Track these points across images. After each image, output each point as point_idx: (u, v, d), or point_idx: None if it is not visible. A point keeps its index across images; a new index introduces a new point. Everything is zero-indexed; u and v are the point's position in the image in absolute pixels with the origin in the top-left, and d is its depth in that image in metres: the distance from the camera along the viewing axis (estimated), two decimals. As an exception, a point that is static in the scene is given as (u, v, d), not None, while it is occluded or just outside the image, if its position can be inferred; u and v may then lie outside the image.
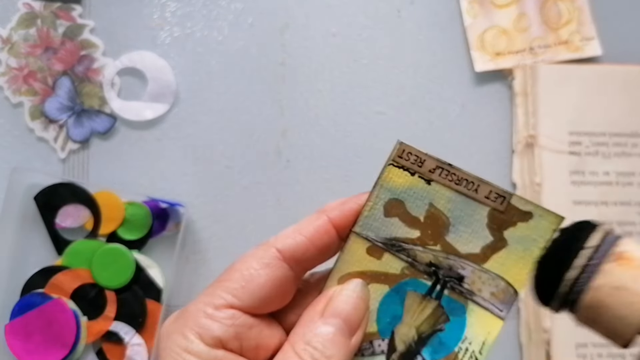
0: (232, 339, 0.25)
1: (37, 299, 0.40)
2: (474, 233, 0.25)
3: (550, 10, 0.45)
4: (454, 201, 0.25)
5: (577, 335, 0.42)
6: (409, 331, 0.26)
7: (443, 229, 0.26)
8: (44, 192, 0.41)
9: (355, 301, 0.25)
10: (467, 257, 0.26)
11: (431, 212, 0.26)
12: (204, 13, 0.45)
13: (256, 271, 0.25)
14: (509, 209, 0.25)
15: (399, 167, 0.26)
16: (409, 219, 0.26)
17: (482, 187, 0.25)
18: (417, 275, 0.26)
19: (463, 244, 0.26)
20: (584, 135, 0.43)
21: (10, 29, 0.43)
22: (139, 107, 0.43)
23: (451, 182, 0.25)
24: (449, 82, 0.45)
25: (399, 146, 0.26)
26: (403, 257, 0.26)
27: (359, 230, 0.26)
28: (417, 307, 0.26)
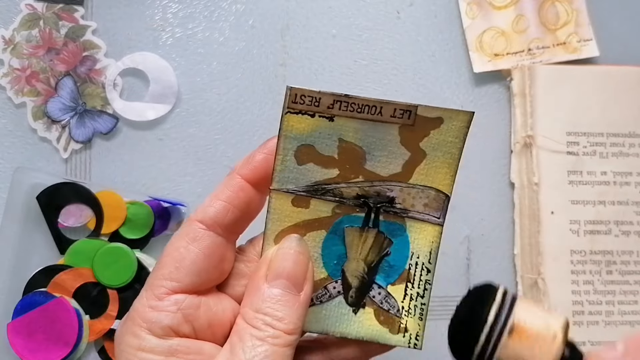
0: (183, 323, 0.24)
1: (39, 298, 0.40)
2: (390, 154, 0.25)
3: (548, 12, 0.45)
4: (362, 129, 0.25)
5: (575, 333, 0.42)
6: (358, 265, 0.26)
7: (360, 160, 0.25)
8: (47, 191, 0.42)
9: (294, 256, 0.25)
10: (391, 179, 0.26)
11: (343, 147, 0.25)
12: (206, 14, 0.45)
13: (185, 249, 0.25)
14: (418, 121, 0.25)
15: (296, 113, 0.25)
16: (323, 160, 0.25)
17: (385, 108, 0.25)
18: (348, 211, 0.26)
19: (384, 168, 0.25)
20: (581, 136, 0.44)
21: (12, 29, 0.44)
22: (141, 108, 0.44)
23: (353, 112, 0.25)
24: (448, 83, 0.45)
25: (290, 91, 0.24)
26: (330, 198, 0.26)
27: (278, 187, 0.25)
28: (358, 240, 0.26)
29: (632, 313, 0.43)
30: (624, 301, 0.43)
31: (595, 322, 0.42)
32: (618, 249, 0.43)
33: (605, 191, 0.43)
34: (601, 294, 0.43)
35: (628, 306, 0.43)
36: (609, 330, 0.42)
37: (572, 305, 0.42)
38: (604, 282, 0.43)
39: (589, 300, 0.42)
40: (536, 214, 0.43)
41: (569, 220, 0.43)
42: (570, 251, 0.43)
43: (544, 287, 0.42)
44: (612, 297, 0.43)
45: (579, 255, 0.43)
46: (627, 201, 0.43)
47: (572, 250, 0.43)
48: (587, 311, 0.42)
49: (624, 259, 0.43)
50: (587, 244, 0.43)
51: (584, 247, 0.43)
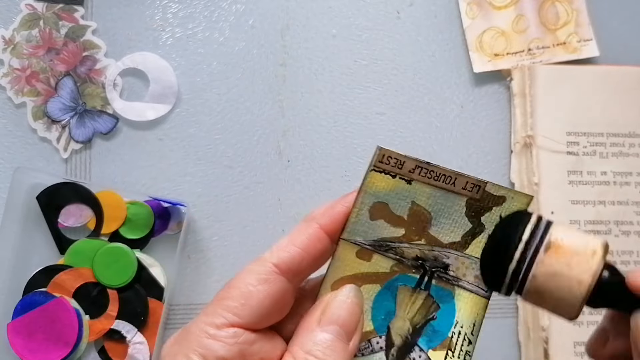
0: (236, 357, 0.25)
1: (39, 298, 0.40)
2: (454, 223, 0.27)
3: (548, 12, 0.45)
4: (434, 196, 0.26)
5: (575, 333, 0.42)
6: (404, 324, 0.27)
7: (426, 224, 0.27)
8: (47, 191, 0.42)
9: (350, 306, 0.26)
10: (450, 246, 0.27)
11: (414, 210, 0.27)
12: (206, 14, 0.45)
13: (254, 287, 0.25)
14: (484, 196, 0.26)
15: (380, 172, 0.27)
16: (393, 219, 0.27)
17: (459, 180, 0.26)
18: (405, 270, 0.27)
19: (445, 235, 0.27)
20: (581, 136, 0.44)
21: (13, 29, 0.44)
22: (141, 108, 0.44)
23: (430, 179, 0.27)
24: (448, 83, 0.45)
25: (379, 152, 0.27)
26: (391, 255, 0.27)
27: (347, 237, 0.27)
28: (408, 300, 0.27)
29: (632, 313, 0.43)
30: (624, 301, 0.43)
31: (596, 323, 0.42)
32: (618, 248, 0.43)
33: (605, 191, 0.43)
34: (601, 294, 0.43)
35: (628, 306, 0.43)
36: (608, 330, 0.42)
37: (572, 305, 0.42)
38: (604, 282, 0.43)
39: (589, 300, 0.42)
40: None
41: (569, 220, 0.43)
42: (570, 251, 0.43)
43: (544, 287, 0.42)
44: (612, 297, 0.43)
45: (579, 255, 0.43)
46: (627, 201, 0.43)
47: (572, 250, 0.43)
48: (587, 311, 0.42)
49: (624, 259, 0.43)
50: (587, 244, 0.43)
51: (584, 247, 0.43)
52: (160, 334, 0.41)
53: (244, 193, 0.43)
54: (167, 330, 0.42)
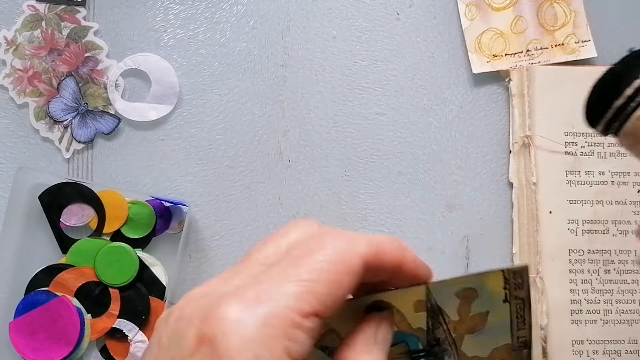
0: (307, 354, 0.20)
1: (41, 297, 0.40)
2: (486, 344, 0.27)
3: (546, 13, 0.46)
4: (502, 321, 0.26)
5: (574, 332, 0.42)
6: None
7: (473, 331, 0.26)
8: (49, 191, 0.42)
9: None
10: (464, 356, 0.27)
11: (481, 316, 0.26)
12: (207, 15, 0.45)
13: (344, 276, 0.21)
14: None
15: (504, 278, 0.25)
16: (464, 307, 0.26)
17: (527, 327, 0.26)
18: (422, 337, 0.26)
19: (472, 348, 0.27)
20: (579, 136, 0.44)
21: (15, 30, 0.44)
22: (143, 108, 0.44)
23: (517, 318, 0.26)
24: (447, 84, 0.45)
25: (523, 269, 0.25)
26: (429, 322, 0.26)
27: (430, 286, 0.26)
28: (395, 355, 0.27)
29: (629, 312, 0.43)
30: (622, 300, 0.43)
31: (594, 321, 0.42)
32: (616, 248, 0.43)
33: (603, 191, 0.44)
34: (599, 293, 0.43)
35: (626, 305, 0.43)
36: (607, 329, 0.42)
37: (570, 304, 0.42)
38: (602, 281, 0.43)
39: (587, 299, 0.43)
40: (534, 213, 0.43)
41: (567, 220, 0.43)
42: (569, 250, 0.43)
43: (542, 286, 0.42)
44: (610, 296, 0.43)
45: (577, 254, 0.43)
46: (624, 201, 0.44)
47: (570, 249, 0.43)
48: (585, 310, 0.43)
49: (622, 258, 0.43)
50: (585, 243, 0.43)
51: (582, 246, 0.43)
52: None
53: (245, 193, 0.44)
54: None
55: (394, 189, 0.44)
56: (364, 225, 0.44)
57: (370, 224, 0.44)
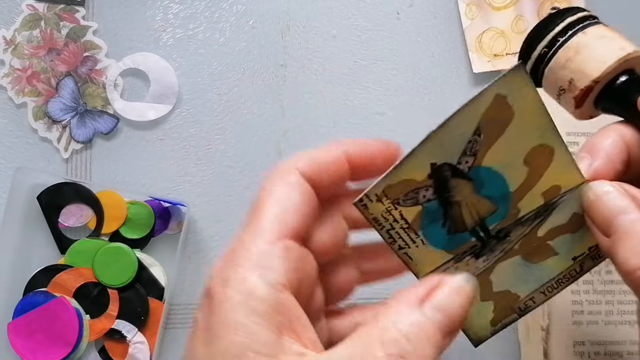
0: (293, 274, 0.22)
1: (39, 298, 0.40)
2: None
3: (547, 13, 0.46)
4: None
5: (575, 333, 0.42)
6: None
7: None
8: (47, 191, 0.42)
9: (465, 298, 0.22)
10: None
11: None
12: (206, 15, 0.45)
13: (291, 194, 0.23)
14: None
15: None
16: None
17: None
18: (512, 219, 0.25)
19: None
20: (581, 136, 0.44)
21: (14, 30, 0.44)
22: (142, 108, 0.44)
23: None
24: (448, 83, 0.45)
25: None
26: (532, 214, 0.25)
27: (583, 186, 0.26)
28: None
29: (631, 313, 0.43)
30: (624, 301, 0.43)
31: (595, 322, 0.42)
32: (617, 248, 0.43)
33: (605, 191, 0.43)
34: (601, 294, 0.43)
35: (627, 306, 0.43)
36: (608, 330, 0.42)
37: (571, 305, 0.42)
38: (604, 282, 0.43)
39: (589, 300, 0.42)
40: (536, 213, 0.43)
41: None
42: (570, 251, 0.43)
43: (543, 286, 0.42)
44: (611, 297, 0.43)
45: (578, 255, 0.43)
46: (626, 201, 0.43)
47: (571, 250, 0.43)
48: (586, 311, 0.42)
49: (624, 259, 0.43)
50: (587, 243, 0.43)
51: (584, 246, 0.43)
52: (161, 334, 0.41)
53: (244, 193, 0.44)
54: (167, 330, 0.42)
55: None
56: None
57: (371, 225, 0.44)
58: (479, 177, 0.24)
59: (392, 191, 0.23)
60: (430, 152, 0.23)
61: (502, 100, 0.23)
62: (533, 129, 0.24)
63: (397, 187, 0.23)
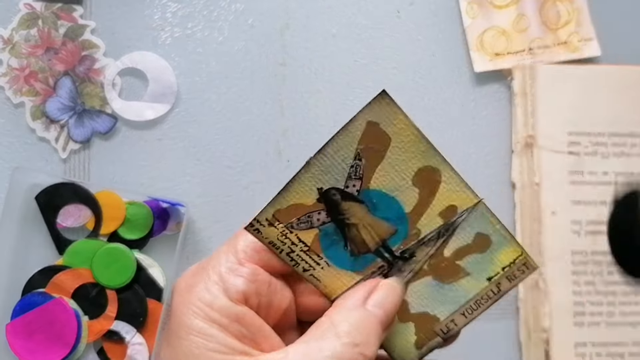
0: (253, 295, 0.25)
1: (38, 299, 0.40)
2: (433, 295, 0.27)
3: (549, 11, 0.45)
4: (467, 290, 0.27)
5: (576, 334, 0.42)
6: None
7: (442, 276, 0.26)
8: (45, 191, 0.41)
9: (398, 296, 0.26)
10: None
11: (462, 271, 0.26)
12: (205, 14, 0.45)
13: None
14: None
15: (514, 261, 0.27)
16: (465, 251, 0.26)
17: (472, 315, 0.27)
18: (413, 238, 0.26)
19: (424, 289, 0.27)
20: (582, 135, 0.44)
21: (11, 29, 0.43)
22: (140, 108, 0.44)
23: (481, 299, 0.27)
24: (449, 83, 0.45)
25: (532, 269, 0.26)
26: (432, 235, 0.26)
27: (478, 208, 0.27)
28: None
29: (633, 314, 0.42)
30: (625, 302, 0.42)
31: (597, 323, 0.42)
32: (619, 249, 0.43)
33: (607, 191, 0.43)
34: (602, 295, 0.42)
35: (629, 307, 0.42)
36: (610, 331, 0.42)
37: (573, 305, 0.42)
38: (605, 283, 0.42)
39: (590, 301, 0.42)
40: (537, 214, 0.43)
41: (570, 221, 0.43)
42: (572, 251, 0.42)
43: (545, 287, 0.42)
44: (613, 298, 0.42)
45: (580, 255, 0.42)
46: (628, 201, 0.43)
47: (573, 250, 0.42)
48: (588, 312, 0.42)
49: (626, 260, 0.43)
50: (589, 244, 0.42)
51: (585, 247, 0.42)
52: (159, 335, 0.41)
53: (243, 193, 0.43)
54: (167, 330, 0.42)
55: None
56: (364, 226, 0.43)
57: (371, 225, 0.44)
58: (371, 199, 0.25)
59: (283, 216, 0.25)
60: (314, 177, 0.25)
61: (375, 126, 0.25)
62: (414, 152, 0.26)
63: (287, 212, 0.25)
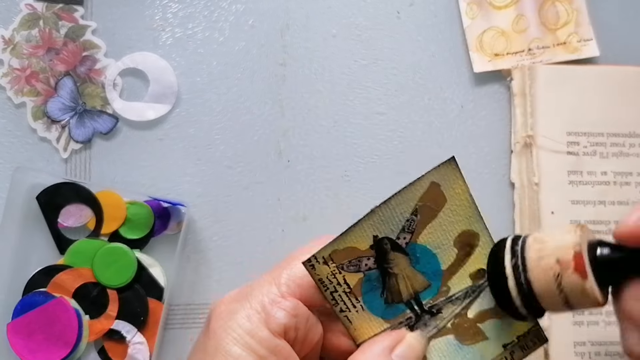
0: (292, 329, 0.25)
1: (39, 298, 0.40)
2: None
3: (548, 12, 0.45)
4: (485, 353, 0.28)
5: (575, 333, 0.42)
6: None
7: (461, 335, 0.28)
8: (47, 191, 0.42)
9: (421, 350, 0.27)
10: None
11: (482, 334, 0.28)
12: (205, 14, 0.45)
13: None
14: None
15: (526, 333, 0.29)
16: (484, 316, 0.28)
17: None
18: (443, 296, 0.28)
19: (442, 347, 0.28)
20: (581, 136, 0.44)
21: (12, 29, 0.44)
22: (141, 108, 0.44)
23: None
24: (448, 83, 0.45)
25: (542, 341, 0.29)
26: (460, 294, 0.28)
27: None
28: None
29: (632, 313, 0.42)
30: (624, 301, 0.43)
31: (595, 323, 0.42)
32: (618, 249, 0.43)
33: (606, 191, 0.43)
34: (601, 294, 0.43)
35: (628, 306, 0.43)
36: (609, 330, 0.42)
37: (572, 305, 0.42)
38: (604, 282, 0.43)
39: (589, 301, 0.42)
40: (536, 214, 0.43)
41: (569, 221, 0.43)
42: (571, 251, 0.42)
43: (544, 287, 0.42)
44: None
45: (579, 255, 0.43)
46: (627, 201, 0.43)
47: (572, 250, 0.43)
48: (587, 311, 0.42)
49: (624, 259, 0.43)
50: (587, 244, 0.43)
51: (584, 247, 0.43)
52: (160, 334, 0.41)
53: (243, 193, 0.43)
54: (167, 330, 0.42)
55: (394, 189, 0.44)
56: (364, 225, 0.44)
57: (371, 225, 0.44)
58: (415, 253, 0.27)
59: (338, 256, 0.26)
60: (373, 225, 0.27)
61: (436, 187, 0.27)
62: (462, 215, 0.28)
63: (342, 253, 0.26)
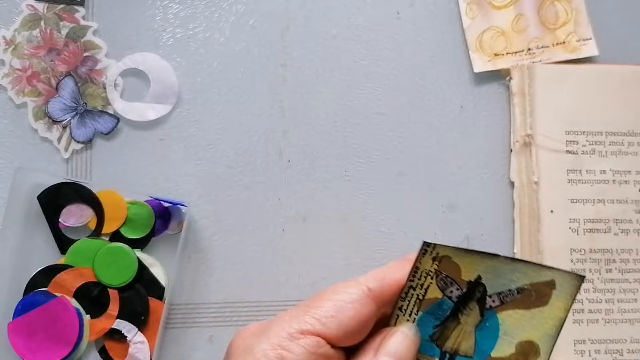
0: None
1: (40, 298, 0.40)
2: None
3: (547, 12, 0.46)
4: None
5: (575, 331, 0.42)
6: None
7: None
8: (48, 191, 0.42)
9: (409, 343, 0.26)
10: None
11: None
12: (206, 15, 0.45)
13: (346, 304, 0.26)
14: None
15: None
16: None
17: None
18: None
19: None
20: (580, 134, 0.44)
21: (14, 30, 0.44)
22: (142, 108, 0.44)
23: None
24: (448, 83, 0.45)
25: None
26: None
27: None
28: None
29: (631, 311, 0.43)
30: (624, 299, 0.43)
31: (595, 321, 0.42)
32: (617, 247, 0.43)
33: (605, 190, 0.43)
34: (601, 293, 0.43)
35: (628, 304, 0.43)
36: (608, 328, 0.42)
37: (572, 304, 0.42)
38: (604, 281, 0.43)
39: (589, 299, 0.43)
40: (536, 212, 0.43)
41: (568, 219, 0.43)
42: (570, 250, 0.43)
43: (544, 285, 0.42)
44: (611, 296, 0.43)
45: (578, 253, 0.43)
46: (626, 200, 0.44)
47: (571, 248, 0.43)
48: (586, 309, 0.42)
49: (624, 257, 0.43)
50: (587, 242, 0.43)
51: (584, 245, 0.43)
52: (161, 334, 0.41)
53: (244, 193, 0.44)
54: (168, 330, 0.42)
55: (394, 189, 0.44)
56: (364, 225, 0.44)
57: (370, 224, 0.44)
58: (488, 320, 0.27)
59: (445, 263, 0.26)
60: (487, 268, 0.26)
61: (551, 287, 0.26)
62: (544, 327, 0.26)
63: (449, 264, 0.26)
